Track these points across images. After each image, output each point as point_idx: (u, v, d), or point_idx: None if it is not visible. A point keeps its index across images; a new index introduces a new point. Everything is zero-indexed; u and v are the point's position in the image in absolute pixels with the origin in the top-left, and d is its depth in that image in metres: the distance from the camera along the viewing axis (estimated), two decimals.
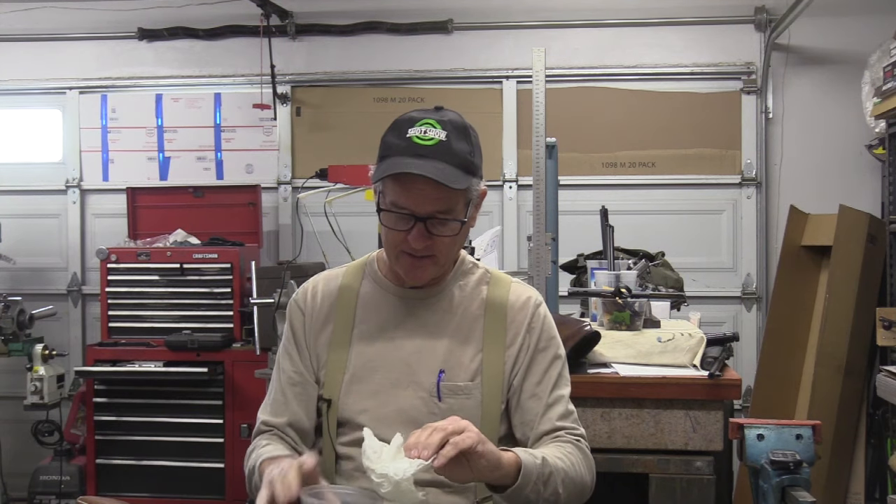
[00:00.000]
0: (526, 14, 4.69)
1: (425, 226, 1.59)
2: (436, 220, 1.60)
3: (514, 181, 4.66)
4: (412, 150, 1.58)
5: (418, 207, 1.58)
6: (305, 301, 1.78)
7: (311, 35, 4.83)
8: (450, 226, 1.62)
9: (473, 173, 1.63)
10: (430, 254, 1.63)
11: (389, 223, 1.62)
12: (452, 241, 1.65)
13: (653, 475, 2.35)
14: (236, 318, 4.24)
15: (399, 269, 1.67)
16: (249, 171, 4.89)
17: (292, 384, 1.74)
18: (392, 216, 1.61)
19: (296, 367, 1.75)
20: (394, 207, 1.60)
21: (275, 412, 1.74)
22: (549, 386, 1.71)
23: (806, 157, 4.54)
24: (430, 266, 1.66)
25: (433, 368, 1.68)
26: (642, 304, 2.76)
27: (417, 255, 1.62)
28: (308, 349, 1.75)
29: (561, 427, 1.69)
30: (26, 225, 4.96)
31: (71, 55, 4.97)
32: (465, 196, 1.62)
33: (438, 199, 1.58)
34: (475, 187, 1.65)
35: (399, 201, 1.59)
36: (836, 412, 3.79)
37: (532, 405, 1.69)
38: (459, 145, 1.60)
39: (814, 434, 2.00)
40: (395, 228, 1.61)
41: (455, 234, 1.63)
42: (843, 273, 3.88)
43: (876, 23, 4.20)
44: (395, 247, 1.64)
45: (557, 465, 1.58)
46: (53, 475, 4.27)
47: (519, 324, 1.72)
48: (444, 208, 1.59)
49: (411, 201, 1.58)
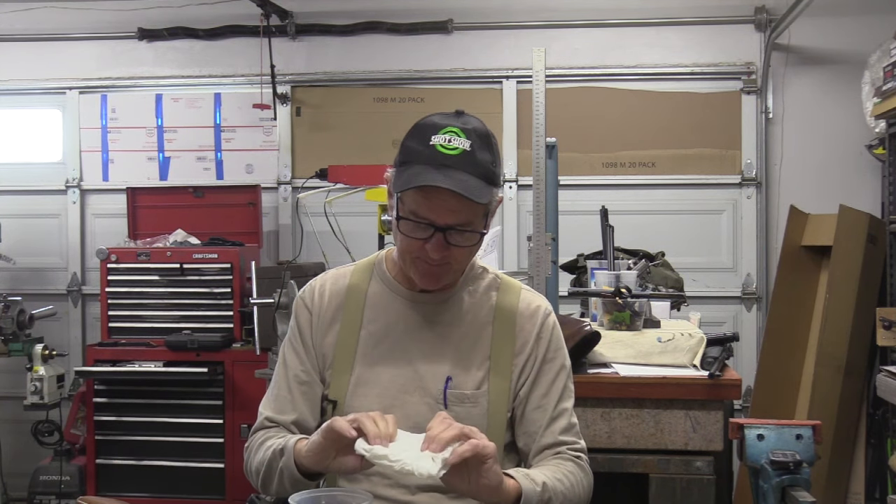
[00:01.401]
0: (526, 14, 4.69)
1: (444, 236, 1.57)
2: (455, 231, 1.58)
3: (514, 181, 4.67)
4: (436, 159, 1.55)
5: (439, 218, 1.56)
6: (313, 299, 1.76)
7: (311, 35, 4.83)
8: (468, 237, 1.60)
9: (495, 184, 1.61)
10: (446, 262, 1.61)
11: (407, 231, 1.59)
12: (470, 252, 1.64)
13: (653, 475, 2.35)
14: (236, 318, 4.24)
15: (413, 275, 1.66)
16: (249, 171, 4.89)
17: (300, 382, 1.72)
18: (411, 225, 1.58)
19: (303, 365, 1.73)
20: (413, 216, 1.58)
21: (280, 409, 1.72)
22: (554, 398, 1.70)
23: (806, 157, 4.54)
24: (445, 273, 1.64)
25: (440, 375, 1.67)
26: (642, 304, 2.76)
27: (433, 263, 1.60)
28: (314, 348, 1.73)
29: (563, 442, 1.68)
30: (26, 225, 4.96)
31: (71, 55, 4.97)
32: (485, 208, 1.61)
33: (460, 212, 1.56)
34: (495, 198, 1.64)
35: (419, 211, 1.57)
36: (836, 412, 3.79)
37: (536, 416, 1.69)
38: (483, 155, 1.58)
39: (814, 434, 1.99)
40: (413, 237, 1.59)
41: (473, 244, 1.62)
42: (843, 273, 3.88)
43: (876, 23, 4.20)
44: (411, 253, 1.62)
45: (557, 489, 1.57)
46: (53, 475, 4.27)
47: (528, 333, 1.71)
48: (464, 221, 1.58)
49: (433, 213, 1.56)
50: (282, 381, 1.74)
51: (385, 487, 1.65)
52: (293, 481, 1.57)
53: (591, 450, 1.74)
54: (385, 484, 1.65)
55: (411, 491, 1.64)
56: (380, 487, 1.65)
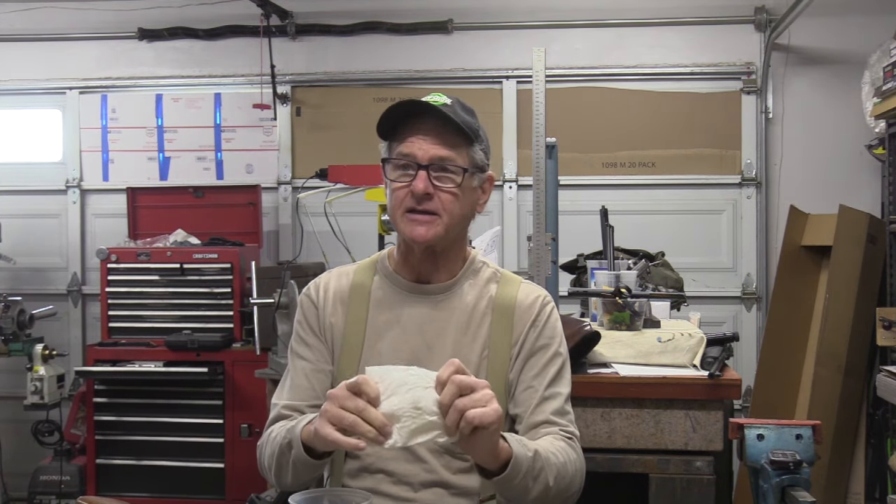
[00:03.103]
0: (526, 14, 4.69)
1: (427, 173, 1.62)
2: (438, 167, 1.63)
3: (514, 181, 4.67)
4: (419, 105, 1.64)
5: (421, 152, 1.63)
6: (318, 296, 1.77)
7: (311, 35, 4.83)
8: (452, 177, 1.64)
9: (478, 140, 1.69)
10: (433, 210, 1.64)
11: (393, 176, 1.65)
12: (455, 198, 1.66)
13: (653, 475, 2.35)
14: (236, 318, 4.24)
15: (405, 229, 1.67)
16: (249, 171, 4.89)
17: (316, 371, 1.72)
18: (395, 168, 1.65)
19: (315, 354, 1.73)
20: (398, 157, 1.65)
21: (297, 396, 1.71)
22: (545, 380, 1.69)
23: (806, 157, 4.54)
24: (434, 223, 1.65)
25: (440, 366, 1.66)
26: (642, 304, 2.76)
27: (420, 208, 1.64)
28: (324, 342, 1.74)
29: (554, 422, 1.66)
30: (26, 225, 4.96)
31: (71, 55, 4.97)
32: (468, 154, 1.67)
33: (441, 146, 1.63)
34: (479, 154, 1.69)
35: (402, 150, 1.64)
36: (836, 412, 3.79)
37: (526, 396, 1.68)
38: (466, 114, 1.67)
39: (814, 434, 1.99)
40: (399, 181, 1.65)
41: (458, 185, 1.64)
42: (843, 273, 3.88)
43: (876, 23, 4.20)
44: (400, 204, 1.66)
45: (549, 461, 1.55)
46: (53, 475, 4.27)
47: (525, 321, 1.72)
48: (446, 155, 1.63)
49: (414, 147, 1.63)
50: (296, 372, 1.74)
51: (388, 484, 1.66)
52: (305, 466, 1.55)
53: (591, 450, 1.75)
54: (389, 481, 1.66)
55: (414, 488, 1.65)
56: (383, 484, 1.65)
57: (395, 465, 1.66)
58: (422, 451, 1.65)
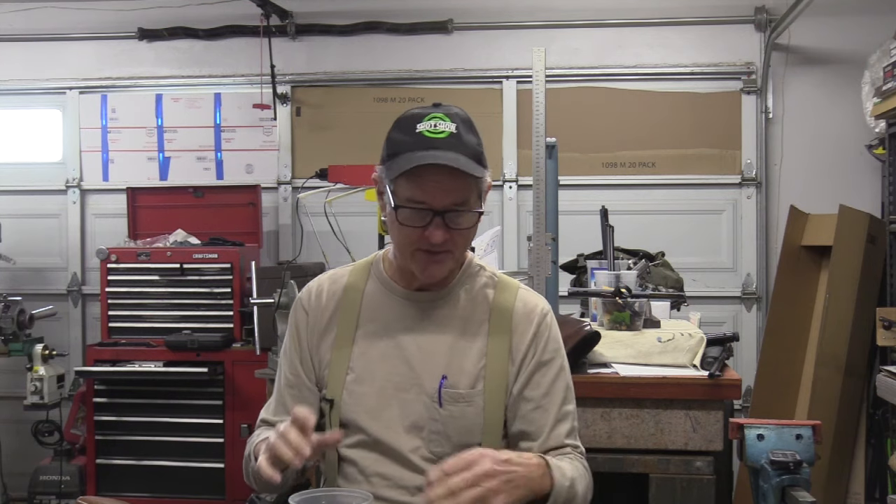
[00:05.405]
0: (526, 14, 4.69)
1: (443, 219, 1.58)
2: (453, 212, 1.58)
3: (514, 181, 4.67)
4: (425, 143, 1.56)
5: (435, 201, 1.56)
6: (310, 301, 1.76)
7: (311, 35, 4.83)
8: (467, 217, 1.61)
9: (483, 164, 1.62)
10: (447, 249, 1.61)
11: (406, 220, 1.58)
12: (469, 234, 1.64)
13: (653, 475, 2.35)
14: (236, 318, 4.24)
15: (415, 267, 1.64)
16: (249, 171, 4.89)
17: (289, 386, 1.75)
18: (408, 212, 1.58)
19: (293, 368, 1.75)
20: (410, 203, 1.57)
21: (273, 412, 1.77)
22: (557, 400, 1.68)
23: (806, 157, 4.54)
24: (447, 261, 1.64)
25: (436, 373, 1.66)
26: (642, 304, 2.76)
27: (434, 250, 1.60)
28: (309, 350, 1.74)
29: (569, 445, 1.68)
30: (26, 225, 4.96)
31: (71, 55, 4.97)
32: (478, 186, 1.62)
33: (455, 191, 1.57)
34: (486, 178, 1.64)
35: (415, 196, 1.56)
36: (836, 412, 3.79)
37: (537, 417, 1.67)
38: (469, 137, 1.60)
39: (814, 434, 1.99)
40: (413, 225, 1.58)
41: (472, 225, 1.63)
42: (843, 273, 3.88)
43: (876, 23, 4.20)
44: (411, 245, 1.61)
45: (577, 490, 1.59)
46: (53, 475, 4.27)
47: (524, 331, 1.70)
48: (460, 200, 1.58)
49: (428, 195, 1.56)
50: (277, 384, 1.79)
51: (385, 488, 1.64)
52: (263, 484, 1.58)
53: (591, 450, 1.74)
54: (385, 485, 1.65)
55: (410, 492, 1.63)
56: (380, 488, 1.64)
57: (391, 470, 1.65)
58: (416, 458, 1.64)
